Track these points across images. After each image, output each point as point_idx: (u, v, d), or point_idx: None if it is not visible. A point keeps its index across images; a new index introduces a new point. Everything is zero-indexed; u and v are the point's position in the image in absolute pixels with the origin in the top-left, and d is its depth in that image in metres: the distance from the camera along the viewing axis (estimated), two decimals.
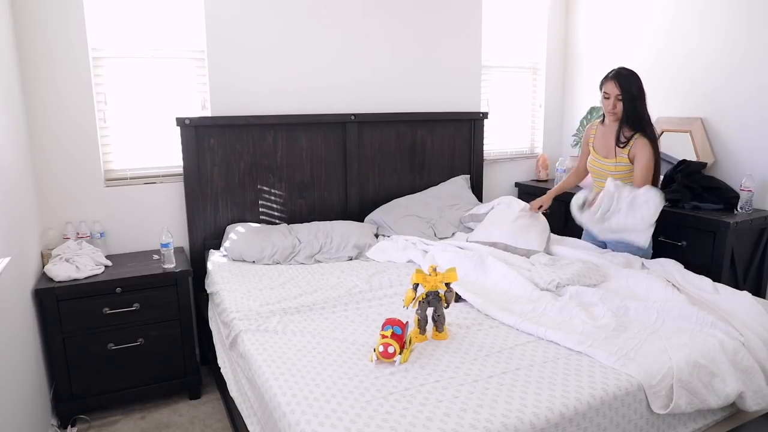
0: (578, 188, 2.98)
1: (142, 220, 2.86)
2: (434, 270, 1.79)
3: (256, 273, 2.52)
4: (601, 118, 2.73)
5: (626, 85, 2.50)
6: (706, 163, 3.06)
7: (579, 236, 2.95)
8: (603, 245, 2.75)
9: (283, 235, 2.79)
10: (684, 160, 3.10)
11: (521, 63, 3.94)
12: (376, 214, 3.16)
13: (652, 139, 2.53)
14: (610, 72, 2.56)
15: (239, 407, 1.89)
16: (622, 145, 2.55)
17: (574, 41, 3.96)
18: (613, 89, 2.52)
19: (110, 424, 2.49)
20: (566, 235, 3.02)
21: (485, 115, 3.60)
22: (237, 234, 2.79)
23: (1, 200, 1.98)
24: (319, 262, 2.72)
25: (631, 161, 2.54)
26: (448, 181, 3.50)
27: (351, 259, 2.75)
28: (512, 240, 2.69)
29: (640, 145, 2.50)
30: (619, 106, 2.53)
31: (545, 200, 2.93)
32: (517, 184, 3.95)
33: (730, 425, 1.75)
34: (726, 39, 3.00)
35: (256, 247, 2.68)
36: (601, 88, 2.60)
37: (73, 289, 2.35)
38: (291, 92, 3.10)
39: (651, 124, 2.59)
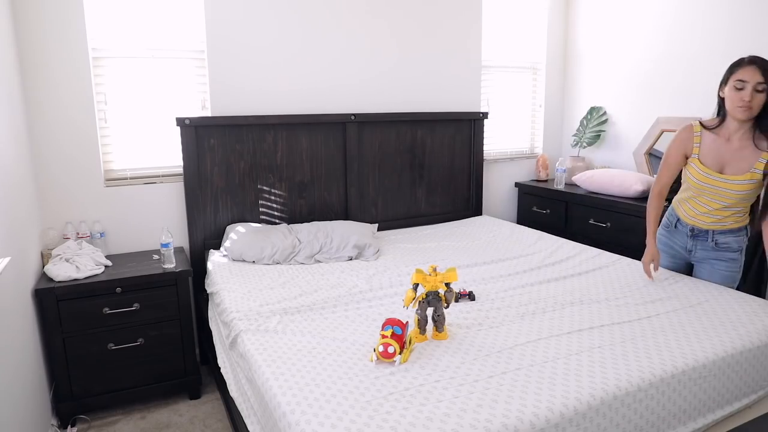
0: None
1: (142, 220, 2.86)
2: (434, 270, 1.79)
3: (256, 273, 2.52)
4: (715, 121, 2.19)
5: None
6: None
7: (577, 236, 2.94)
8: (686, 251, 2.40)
9: (283, 235, 2.79)
10: None
11: (521, 63, 3.94)
12: None
13: None
14: (745, 58, 2.04)
15: (239, 407, 1.89)
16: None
17: (574, 41, 3.96)
18: (753, 76, 1.97)
19: (110, 424, 2.48)
20: (567, 237, 3.02)
21: (485, 115, 3.60)
22: (237, 234, 2.79)
23: (1, 200, 1.98)
24: (318, 262, 2.72)
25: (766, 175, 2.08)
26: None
27: (351, 259, 2.75)
28: None
29: None
30: (759, 99, 1.99)
31: (656, 256, 2.36)
32: (517, 184, 3.95)
33: (730, 425, 1.75)
34: (727, 39, 3.01)
35: (256, 247, 2.68)
36: (728, 78, 2.07)
37: (73, 289, 2.35)
38: (291, 92, 3.10)
39: None
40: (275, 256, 2.67)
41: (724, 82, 2.11)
